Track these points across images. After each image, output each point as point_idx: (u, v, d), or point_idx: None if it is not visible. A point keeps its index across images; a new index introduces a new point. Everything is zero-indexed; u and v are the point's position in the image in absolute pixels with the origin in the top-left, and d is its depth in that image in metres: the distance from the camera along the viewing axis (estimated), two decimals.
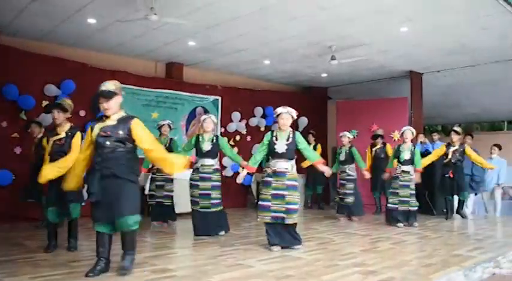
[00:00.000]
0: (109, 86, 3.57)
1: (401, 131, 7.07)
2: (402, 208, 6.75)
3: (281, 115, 4.80)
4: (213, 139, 5.69)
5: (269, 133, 4.94)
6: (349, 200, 7.44)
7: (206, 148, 5.63)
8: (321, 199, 9.74)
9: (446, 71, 9.41)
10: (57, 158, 4.27)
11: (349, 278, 3.64)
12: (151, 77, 8.79)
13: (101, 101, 3.54)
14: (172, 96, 8.94)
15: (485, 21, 6.40)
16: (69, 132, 4.44)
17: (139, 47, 7.93)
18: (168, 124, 6.70)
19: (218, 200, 5.63)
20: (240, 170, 9.62)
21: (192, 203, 5.65)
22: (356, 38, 7.30)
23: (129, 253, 3.58)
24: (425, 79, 9.76)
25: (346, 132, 7.79)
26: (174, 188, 6.72)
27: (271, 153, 4.84)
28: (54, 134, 4.49)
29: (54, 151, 4.39)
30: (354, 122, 10.05)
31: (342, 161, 7.63)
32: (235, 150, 9.75)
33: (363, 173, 7.54)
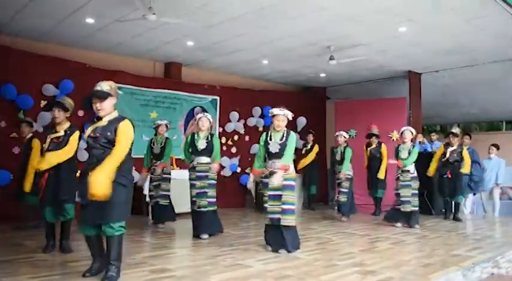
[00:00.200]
0: (104, 86, 3.46)
1: (401, 131, 7.07)
2: (404, 208, 6.73)
3: (277, 116, 4.78)
4: (208, 137, 5.74)
5: (264, 134, 4.95)
6: (342, 199, 7.45)
7: (201, 146, 5.68)
8: (314, 200, 9.61)
9: (445, 71, 9.40)
10: None
11: (347, 278, 3.65)
12: (149, 77, 8.78)
13: (94, 101, 3.43)
14: (170, 96, 8.93)
15: (484, 21, 6.40)
16: (68, 130, 4.43)
17: (137, 46, 7.91)
18: (165, 124, 6.74)
19: (214, 199, 5.66)
20: (238, 170, 9.72)
21: (191, 203, 5.67)
22: (355, 38, 7.29)
23: (114, 264, 3.37)
24: (424, 79, 9.76)
25: (342, 131, 7.79)
26: (172, 188, 6.67)
27: (267, 153, 4.86)
28: (52, 132, 4.48)
29: (50, 149, 4.36)
30: (352, 122, 10.04)
31: (338, 160, 7.63)
32: (233, 150, 9.81)
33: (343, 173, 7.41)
